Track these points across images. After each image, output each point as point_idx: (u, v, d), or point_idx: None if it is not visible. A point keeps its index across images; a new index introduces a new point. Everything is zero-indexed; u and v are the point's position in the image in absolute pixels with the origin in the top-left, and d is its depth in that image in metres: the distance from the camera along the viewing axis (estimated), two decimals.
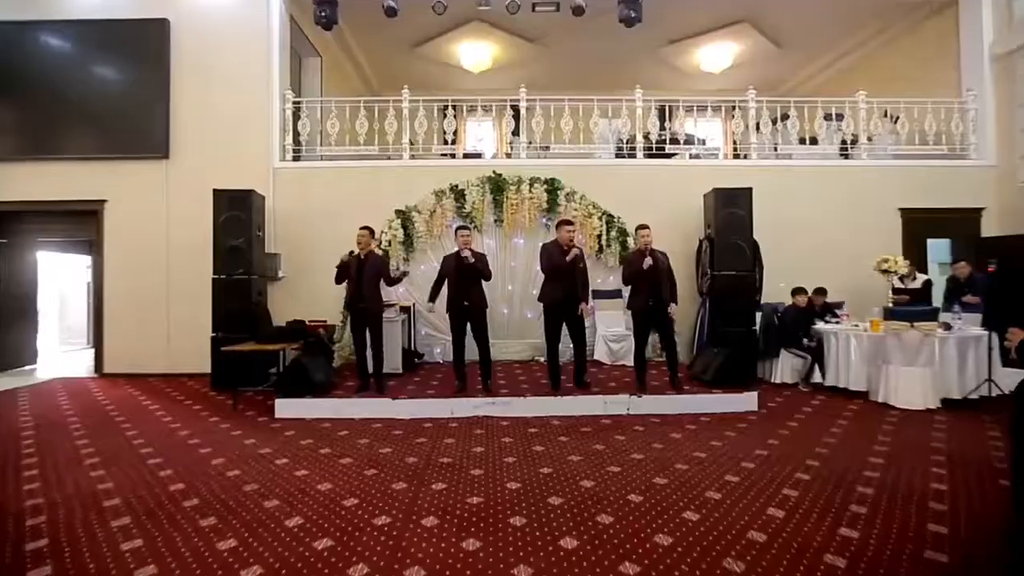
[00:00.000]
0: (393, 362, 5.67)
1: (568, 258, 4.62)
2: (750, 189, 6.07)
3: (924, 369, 4.63)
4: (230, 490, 3.00)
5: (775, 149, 7.46)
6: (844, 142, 7.33)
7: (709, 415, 4.51)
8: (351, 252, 4.84)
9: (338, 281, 4.93)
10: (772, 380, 5.77)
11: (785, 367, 5.75)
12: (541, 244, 5.04)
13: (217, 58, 6.89)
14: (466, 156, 7.54)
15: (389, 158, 7.16)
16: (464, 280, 4.75)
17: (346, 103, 7.16)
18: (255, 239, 5.99)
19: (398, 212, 6.71)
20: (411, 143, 7.06)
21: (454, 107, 7.03)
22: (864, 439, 3.83)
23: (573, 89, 7.04)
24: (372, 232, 5.00)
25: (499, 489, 2.97)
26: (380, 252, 5.83)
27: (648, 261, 4.66)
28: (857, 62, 9.61)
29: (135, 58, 6.81)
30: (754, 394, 4.69)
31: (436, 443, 3.83)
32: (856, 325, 5.68)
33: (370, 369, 4.95)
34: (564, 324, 4.83)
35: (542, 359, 6.62)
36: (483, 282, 4.88)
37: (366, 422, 4.41)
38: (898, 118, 7.52)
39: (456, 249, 4.84)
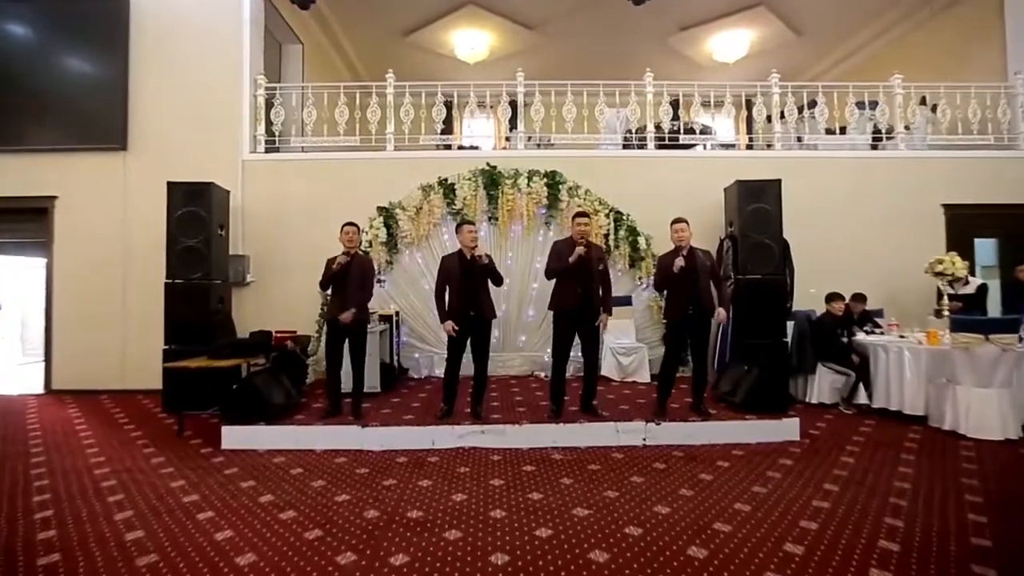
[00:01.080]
0: (371, 379, 4.91)
1: (571, 258, 3.86)
2: (778, 181, 5.32)
3: (1001, 390, 3.85)
4: (116, 563, 2.24)
5: (799, 140, 6.72)
6: (878, 131, 6.59)
7: (742, 446, 3.75)
8: (345, 253, 4.08)
9: (325, 286, 4.18)
10: (807, 400, 5.01)
11: (823, 385, 4.97)
12: (553, 242, 4.28)
13: (181, 41, 6.22)
14: (459, 148, 6.82)
15: (373, 149, 6.45)
16: (472, 285, 3.99)
17: (324, 89, 6.47)
18: (215, 238, 5.27)
19: (380, 209, 5.99)
20: (403, 132, 6.35)
21: (444, 95, 6.34)
22: (948, 483, 3.05)
23: (572, 92, 6.34)
24: (358, 228, 4.27)
25: (479, 564, 2.21)
26: (363, 252, 5.07)
27: (679, 262, 3.90)
28: (884, 49, 8.89)
29: (90, 41, 6.14)
30: (795, 421, 3.92)
31: (408, 486, 3.07)
32: (903, 336, 4.92)
33: (349, 389, 4.18)
34: (576, 336, 4.07)
35: (542, 375, 5.87)
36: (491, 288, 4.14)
37: (329, 455, 3.66)
38: (936, 105, 6.79)
39: (459, 248, 4.11)
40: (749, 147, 7.11)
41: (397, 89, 6.38)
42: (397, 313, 5.80)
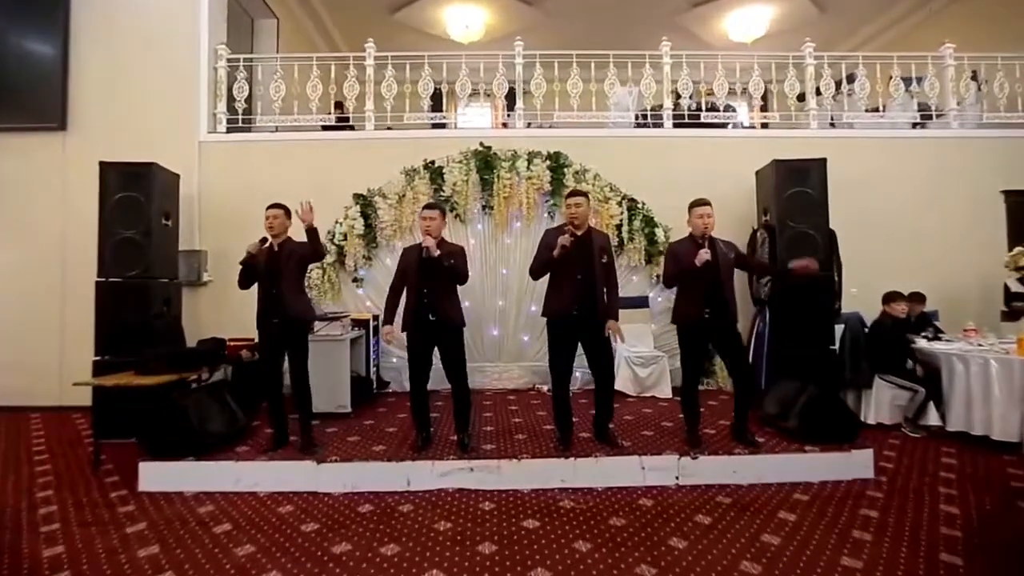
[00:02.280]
0: (339, 398, 4.10)
1: (555, 251, 3.07)
2: (824, 160, 4.52)
3: None
4: None
5: (830, 122, 5.91)
6: (924, 108, 5.79)
7: (803, 487, 2.93)
8: (263, 240, 3.30)
9: (244, 284, 3.36)
10: (863, 419, 4.18)
11: (881, 401, 4.15)
12: (544, 231, 3.46)
13: (130, 8, 5.41)
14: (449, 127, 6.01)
15: (351, 128, 5.65)
16: (429, 283, 3.19)
17: (295, 61, 5.66)
18: (159, 229, 4.45)
19: (357, 197, 5.17)
20: (385, 110, 5.54)
21: (435, 82, 5.55)
22: None
23: (578, 64, 5.52)
24: (288, 212, 3.45)
25: None
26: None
27: (704, 255, 3.10)
28: (918, 26, 8.10)
29: (24, 7, 5.34)
30: (868, 454, 3.09)
31: (365, 557, 2.25)
32: (978, 344, 4.10)
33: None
34: (579, 346, 3.26)
35: (545, 388, 5.04)
36: (458, 287, 3.33)
37: (274, 500, 2.84)
38: (984, 82, 5.98)
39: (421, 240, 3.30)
40: (764, 126, 6.29)
41: (378, 62, 5.57)
42: (376, 317, 4.97)
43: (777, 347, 4.43)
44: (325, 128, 5.69)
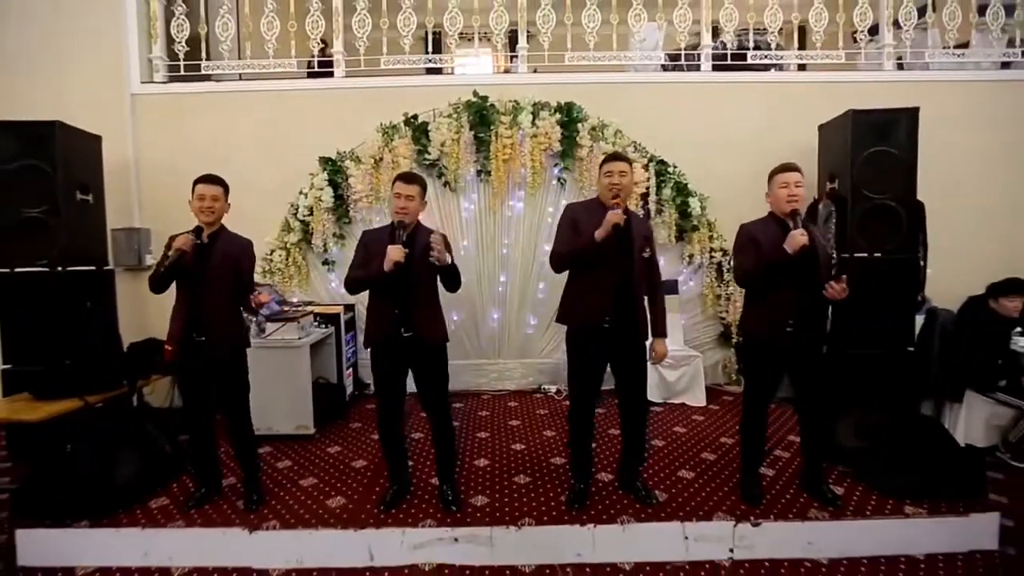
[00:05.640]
0: (299, 416, 3.34)
1: (599, 232, 2.20)
2: (915, 111, 3.51)
3: None
4: None
5: (898, 62, 4.79)
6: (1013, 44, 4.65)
7: (902, 561, 2.15)
8: (196, 231, 2.43)
9: (161, 288, 2.48)
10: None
11: (973, 419, 3.29)
12: (565, 206, 2.58)
13: None
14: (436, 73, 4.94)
15: (315, 75, 4.63)
16: (400, 286, 2.32)
17: None
18: (73, 206, 3.58)
19: (324, 161, 4.25)
20: (358, 52, 4.51)
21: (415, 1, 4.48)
22: None
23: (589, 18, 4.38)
24: (227, 189, 2.56)
25: None
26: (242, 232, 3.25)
27: (800, 237, 2.19)
28: None
29: None
30: (993, 518, 2.28)
31: None
32: None
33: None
34: (608, 367, 2.43)
35: (553, 390, 4.27)
36: (440, 291, 2.46)
37: None
38: None
39: (391, 221, 2.41)
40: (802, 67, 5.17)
41: None
42: (350, 307, 4.15)
43: (841, 346, 3.57)
44: (311, 75, 4.68)
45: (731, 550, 2.23)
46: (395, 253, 2.19)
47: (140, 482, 2.59)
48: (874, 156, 3.47)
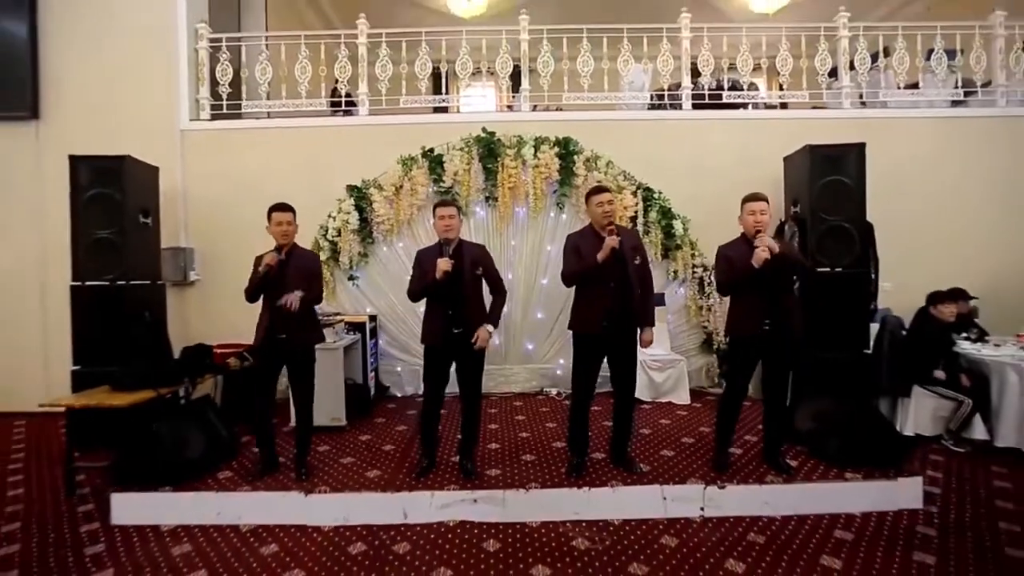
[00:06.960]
0: (333, 410, 3.83)
1: (600, 254, 2.73)
2: (862, 146, 4.09)
3: None
4: None
5: (861, 100, 5.42)
6: (968, 84, 5.28)
7: (842, 519, 2.62)
8: (277, 249, 2.97)
9: (252, 296, 3.02)
10: (900, 430, 3.84)
11: (920, 412, 3.80)
12: (566, 236, 3.12)
13: None
14: (449, 111, 5.58)
15: (346, 113, 5.25)
16: (455, 293, 2.87)
17: (283, 39, 5.25)
18: (136, 228, 4.13)
19: (351, 188, 4.82)
20: (380, 92, 5.13)
21: (433, 61, 5.11)
22: None
23: (588, 40, 5.03)
24: (294, 213, 3.12)
25: None
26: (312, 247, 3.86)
27: (762, 252, 2.73)
28: None
29: None
30: (917, 481, 2.77)
31: None
32: None
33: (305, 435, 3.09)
34: (605, 361, 2.95)
35: (553, 392, 4.76)
36: (483, 296, 3.01)
37: (257, 536, 2.58)
38: None
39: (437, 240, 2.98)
40: (784, 106, 5.80)
41: (372, 39, 5.14)
42: (373, 318, 4.67)
43: (805, 350, 4.08)
44: (334, 108, 5.30)
45: (702, 508, 2.71)
46: (444, 264, 2.75)
47: (205, 460, 3.08)
48: (829, 184, 4.04)
